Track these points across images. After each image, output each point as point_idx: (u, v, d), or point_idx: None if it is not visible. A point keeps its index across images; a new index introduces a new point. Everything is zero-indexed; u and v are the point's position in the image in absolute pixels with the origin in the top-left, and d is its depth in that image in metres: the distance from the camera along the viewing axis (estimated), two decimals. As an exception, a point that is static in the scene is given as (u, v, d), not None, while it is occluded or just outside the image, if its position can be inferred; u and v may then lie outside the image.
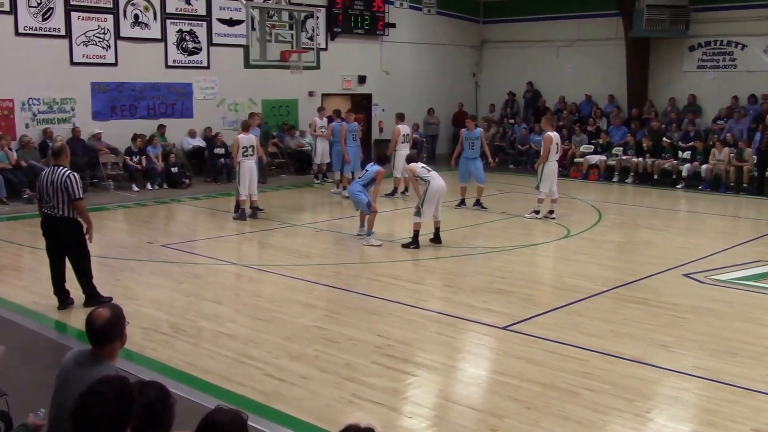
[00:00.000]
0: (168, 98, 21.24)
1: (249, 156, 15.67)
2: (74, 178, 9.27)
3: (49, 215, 9.39)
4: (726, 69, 23.83)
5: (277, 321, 9.25)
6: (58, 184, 9.17)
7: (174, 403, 3.98)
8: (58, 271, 9.63)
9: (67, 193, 9.18)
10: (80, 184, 9.40)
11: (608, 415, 6.64)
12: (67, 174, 9.23)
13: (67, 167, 9.40)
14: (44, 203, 9.43)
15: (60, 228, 9.40)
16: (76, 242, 9.50)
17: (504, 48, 28.85)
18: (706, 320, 9.40)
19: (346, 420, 6.53)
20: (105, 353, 4.58)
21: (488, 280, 11.43)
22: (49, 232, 9.51)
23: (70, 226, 9.39)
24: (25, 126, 18.65)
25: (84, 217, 9.42)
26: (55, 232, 9.46)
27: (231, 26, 22.17)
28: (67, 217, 9.31)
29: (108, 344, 4.58)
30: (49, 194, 9.27)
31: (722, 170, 20.75)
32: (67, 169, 9.33)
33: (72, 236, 9.45)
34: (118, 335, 4.63)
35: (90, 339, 4.62)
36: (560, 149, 16.98)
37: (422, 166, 13.76)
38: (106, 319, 4.57)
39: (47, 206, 9.37)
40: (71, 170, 9.41)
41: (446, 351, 8.39)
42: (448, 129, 28.72)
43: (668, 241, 14.34)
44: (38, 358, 7.97)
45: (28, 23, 18.44)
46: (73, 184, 9.19)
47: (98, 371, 4.24)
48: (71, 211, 9.30)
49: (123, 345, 4.73)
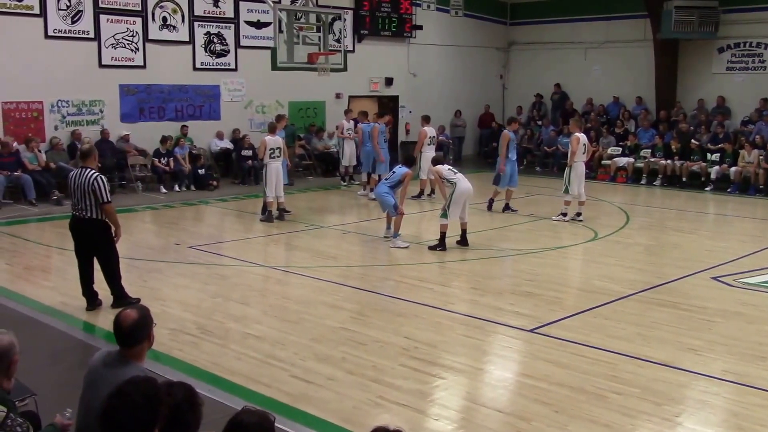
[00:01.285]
0: (195, 100, 21.34)
1: (276, 158, 15.69)
2: (102, 180, 9.26)
3: (77, 217, 9.44)
4: (755, 71, 23.59)
5: (303, 323, 9.26)
6: (86, 187, 9.19)
7: (201, 403, 3.98)
8: (86, 273, 9.66)
9: (94, 196, 9.19)
10: (108, 186, 9.44)
11: (636, 419, 6.59)
12: (95, 176, 9.23)
13: (94, 169, 9.42)
14: (73, 205, 9.49)
15: (88, 229, 9.42)
16: (105, 243, 9.52)
17: (531, 50, 28.74)
18: (735, 324, 9.31)
19: (373, 422, 6.52)
20: (133, 354, 4.62)
21: (515, 282, 11.40)
22: (77, 233, 9.54)
23: (98, 227, 9.40)
24: (54, 128, 18.82)
25: (112, 220, 9.43)
26: (83, 234, 9.49)
27: (258, 29, 22.24)
28: (94, 219, 9.33)
29: (136, 345, 4.62)
30: (77, 196, 9.31)
31: (751, 172, 20.56)
32: (95, 172, 9.33)
33: (100, 237, 9.47)
34: (146, 336, 4.66)
35: (118, 340, 4.66)
36: (588, 151, 16.87)
37: (449, 168, 13.73)
38: (134, 320, 4.61)
39: (75, 208, 9.42)
40: (99, 173, 9.42)
41: (473, 353, 8.36)
42: (474, 131, 28.68)
43: (696, 244, 14.23)
44: (66, 359, 8.04)
45: (57, 26, 18.61)
46: (101, 187, 9.20)
47: (126, 372, 4.26)
48: (99, 212, 9.32)
49: (150, 346, 4.77)
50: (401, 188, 13.78)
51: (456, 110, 27.53)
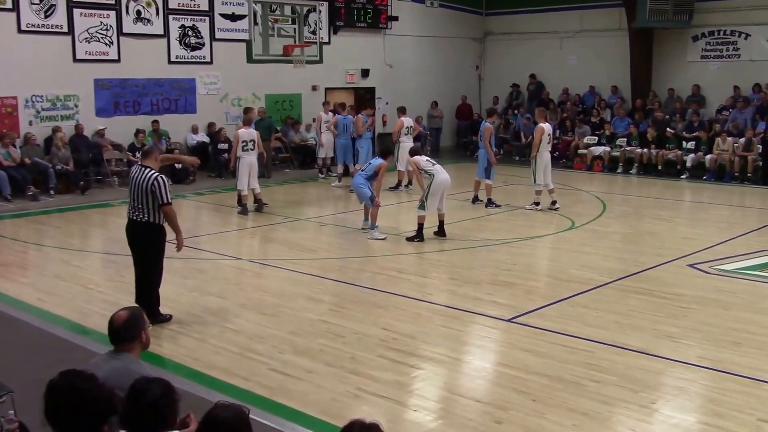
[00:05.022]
0: (171, 94, 21.22)
1: (249, 150, 15.67)
2: (162, 180, 8.66)
3: (132, 220, 8.84)
4: (730, 59, 23.74)
5: (282, 315, 9.26)
6: (145, 187, 8.61)
7: (179, 399, 3.99)
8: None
9: (153, 197, 8.62)
10: (169, 187, 8.82)
11: (614, 406, 6.64)
12: (155, 176, 8.63)
13: (154, 169, 8.79)
14: (129, 207, 8.89)
15: (143, 233, 8.83)
16: (155, 250, 8.94)
17: (507, 40, 28.77)
18: (711, 310, 9.39)
19: (352, 414, 6.54)
20: (124, 351, 4.84)
21: (493, 272, 11.43)
22: (132, 237, 8.94)
23: (154, 231, 8.83)
24: (29, 123, 18.63)
25: (172, 224, 8.85)
26: (135, 238, 8.92)
27: (233, 21, 22.12)
28: (151, 223, 8.74)
29: (126, 343, 4.84)
30: (134, 197, 8.73)
31: (726, 160, 20.72)
32: (155, 171, 8.73)
33: (153, 243, 8.88)
34: (136, 336, 4.87)
35: (110, 338, 4.88)
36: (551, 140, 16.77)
37: (426, 159, 13.77)
38: (124, 320, 4.85)
39: (132, 210, 8.81)
40: (159, 173, 8.80)
41: (451, 344, 8.39)
42: (451, 122, 28.71)
43: (673, 232, 14.32)
44: (43, 356, 7.98)
45: (30, 20, 18.42)
46: (161, 187, 8.60)
47: (113, 364, 4.66)
48: (156, 215, 8.74)
49: (144, 347, 4.98)
50: (377, 179, 13.77)
51: (432, 101, 27.54)
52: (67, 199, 17.47)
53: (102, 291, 10.42)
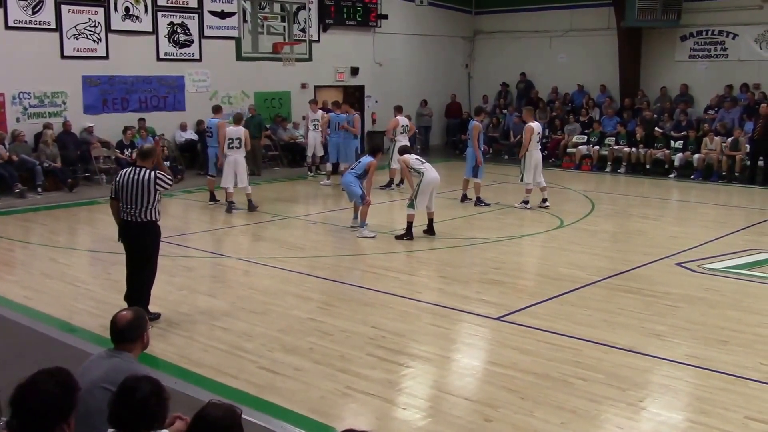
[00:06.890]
0: (160, 91, 21.16)
1: (235, 148, 15.65)
2: (158, 174, 8.53)
3: (124, 220, 8.65)
4: (717, 58, 23.83)
5: (270, 313, 9.25)
6: (145, 186, 8.44)
7: (168, 398, 3.98)
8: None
9: (153, 194, 8.49)
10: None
11: (602, 404, 6.66)
12: (153, 175, 8.49)
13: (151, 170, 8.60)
14: (122, 207, 8.65)
15: (137, 233, 8.67)
16: (152, 251, 8.82)
17: (496, 39, 28.81)
18: (698, 309, 9.42)
19: (340, 412, 6.57)
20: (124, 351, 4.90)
21: (482, 270, 11.44)
22: (126, 238, 8.75)
23: (151, 231, 8.72)
24: (16, 120, 18.54)
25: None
26: (131, 239, 8.72)
27: (223, 18, 22.08)
28: (145, 222, 8.59)
29: (127, 343, 4.92)
30: (128, 197, 8.51)
31: (714, 159, 20.80)
32: (150, 170, 8.55)
33: (148, 243, 8.76)
34: (138, 337, 4.96)
35: (112, 338, 4.95)
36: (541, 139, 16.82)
37: (416, 157, 13.78)
38: (128, 321, 4.94)
39: (124, 210, 8.61)
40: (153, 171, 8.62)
41: (440, 342, 8.39)
42: (441, 120, 28.73)
43: (661, 231, 14.37)
44: (30, 354, 7.95)
45: (18, 17, 18.34)
46: (162, 180, 8.53)
47: (112, 362, 4.72)
48: (152, 213, 8.58)
49: (144, 348, 5.07)
50: (367, 177, 13.77)
51: (422, 100, 27.56)
52: (55, 196, 17.39)
53: (89, 289, 10.40)
